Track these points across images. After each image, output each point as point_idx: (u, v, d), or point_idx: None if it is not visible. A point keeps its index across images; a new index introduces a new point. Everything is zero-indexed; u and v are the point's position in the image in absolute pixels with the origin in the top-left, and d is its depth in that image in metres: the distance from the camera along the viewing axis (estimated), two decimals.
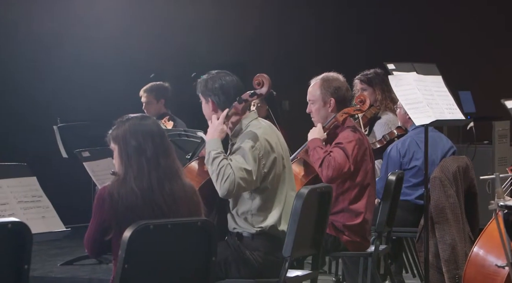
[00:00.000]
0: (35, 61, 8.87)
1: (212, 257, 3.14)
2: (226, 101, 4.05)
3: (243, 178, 3.86)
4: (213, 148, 3.94)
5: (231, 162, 3.89)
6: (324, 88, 4.76)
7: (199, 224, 3.14)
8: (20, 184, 3.85)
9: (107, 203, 3.24)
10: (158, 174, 3.28)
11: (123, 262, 2.89)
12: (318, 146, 4.64)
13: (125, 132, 3.34)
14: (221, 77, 4.08)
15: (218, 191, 3.87)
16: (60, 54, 8.94)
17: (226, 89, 4.05)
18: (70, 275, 6.58)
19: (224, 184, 3.85)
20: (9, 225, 2.70)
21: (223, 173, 3.85)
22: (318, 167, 4.57)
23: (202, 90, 4.11)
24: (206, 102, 4.11)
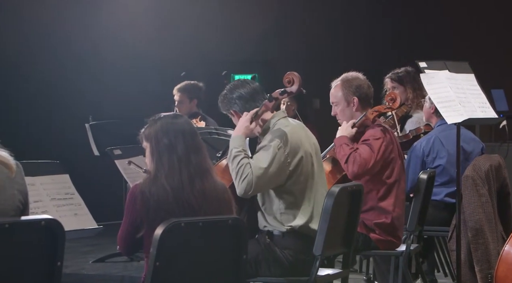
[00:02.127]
0: (68, 61, 8.95)
1: (243, 255, 3.14)
2: (247, 105, 4.06)
3: (261, 177, 3.86)
4: (235, 146, 3.95)
5: (252, 160, 3.90)
6: (345, 89, 4.75)
7: (230, 222, 3.14)
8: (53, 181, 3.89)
9: (139, 201, 3.26)
10: (189, 171, 3.30)
11: (155, 259, 2.90)
12: (344, 143, 4.64)
13: (157, 131, 3.36)
14: (235, 88, 4.11)
15: (236, 189, 3.88)
16: (93, 53, 9.01)
17: (243, 96, 4.08)
18: (102, 272, 6.62)
19: (242, 183, 3.86)
20: (42, 222, 2.72)
21: (242, 172, 3.86)
22: (344, 163, 4.57)
23: (223, 106, 4.15)
24: (232, 116, 4.14)
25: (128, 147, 5.38)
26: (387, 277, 4.81)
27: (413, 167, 5.42)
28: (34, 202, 3.58)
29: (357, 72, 4.84)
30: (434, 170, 5.31)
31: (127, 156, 5.32)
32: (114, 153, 5.42)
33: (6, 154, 2.84)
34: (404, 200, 4.82)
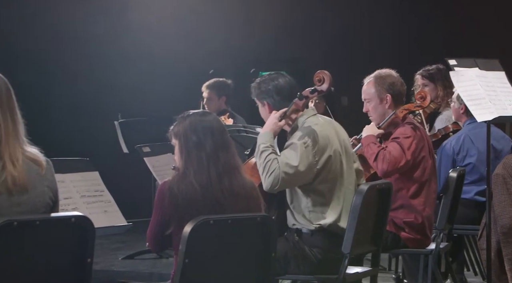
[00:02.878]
0: (97, 59, 9.01)
1: (272, 253, 3.14)
2: (282, 101, 4.05)
3: (288, 174, 3.86)
4: (263, 141, 3.96)
5: (279, 157, 3.89)
6: (378, 85, 4.72)
7: (258, 220, 3.14)
8: (83, 179, 3.91)
9: (167, 198, 3.27)
10: (217, 169, 3.30)
11: (184, 256, 2.91)
12: (371, 142, 4.62)
13: (185, 128, 3.37)
14: (274, 79, 4.10)
15: (263, 184, 3.88)
16: (122, 51, 9.06)
17: (280, 89, 4.06)
18: (131, 269, 6.66)
19: (268, 178, 3.86)
20: (72, 219, 2.74)
21: (269, 167, 3.87)
22: (372, 161, 4.54)
23: (256, 94, 4.13)
24: (262, 106, 4.13)
25: (157, 144, 5.40)
26: (417, 276, 4.79)
27: (444, 166, 5.38)
28: (64, 199, 3.60)
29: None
30: (464, 168, 5.27)
31: (156, 153, 5.34)
32: (143, 150, 5.44)
33: (36, 151, 2.87)
34: (434, 199, 4.79)
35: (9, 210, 2.73)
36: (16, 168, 2.75)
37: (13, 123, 2.80)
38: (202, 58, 9.01)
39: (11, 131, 2.78)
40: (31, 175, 2.80)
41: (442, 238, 4.80)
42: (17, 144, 2.79)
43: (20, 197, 2.76)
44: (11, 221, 2.58)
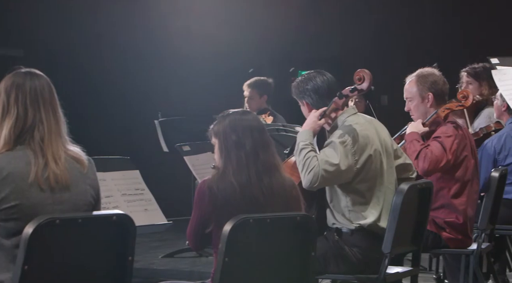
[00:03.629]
0: (137, 58, 9.07)
1: (311, 252, 3.13)
2: (320, 100, 4.04)
3: (327, 171, 3.85)
4: (302, 139, 3.95)
5: (319, 154, 3.89)
6: (420, 84, 4.69)
7: (298, 219, 3.13)
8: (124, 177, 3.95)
9: (207, 197, 3.28)
10: (256, 168, 3.30)
11: (223, 255, 2.92)
12: (415, 139, 4.58)
13: (225, 127, 3.37)
14: (312, 78, 4.09)
15: (302, 181, 3.87)
16: (162, 50, 9.11)
17: (318, 89, 4.05)
18: (171, 267, 6.69)
19: (308, 175, 3.85)
20: (113, 217, 2.76)
21: (308, 164, 3.86)
22: (414, 159, 4.51)
23: (296, 93, 4.14)
24: (302, 105, 4.13)
25: (197, 143, 5.42)
26: (458, 276, 4.74)
27: (484, 166, 5.31)
28: (105, 197, 3.64)
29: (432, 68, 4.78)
30: (506, 168, 5.21)
31: (196, 152, 5.36)
32: (183, 149, 5.47)
33: (78, 150, 2.90)
34: (476, 200, 4.73)
35: (51, 207, 2.76)
36: (59, 165, 2.78)
37: (55, 122, 2.83)
38: (242, 57, 9.02)
39: (54, 129, 2.82)
40: (73, 173, 2.83)
41: (484, 238, 4.75)
42: (59, 142, 2.82)
43: (62, 194, 2.79)
44: (54, 219, 2.61)
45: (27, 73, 2.88)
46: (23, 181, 2.73)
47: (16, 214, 2.71)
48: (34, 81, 2.84)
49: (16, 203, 2.71)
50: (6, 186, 2.71)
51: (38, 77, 2.87)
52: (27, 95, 2.81)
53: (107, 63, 9.00)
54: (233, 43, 9.31)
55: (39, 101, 2.82)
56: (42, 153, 2.77)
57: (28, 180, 2.73)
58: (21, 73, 2.87)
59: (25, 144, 2.79)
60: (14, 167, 2.73)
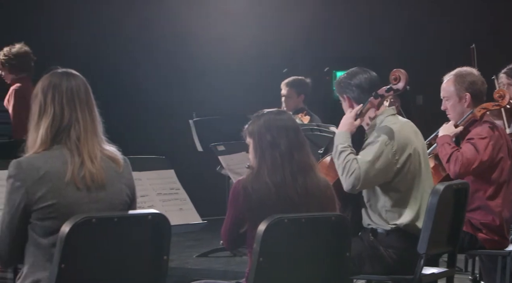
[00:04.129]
0: (172, 58, 9.11)
1: (346, 252, 3.12)
2: (362, 94, 4.03)
3: (368, 173, 3.84)
4: (340, 141, 3.94)
5: (359, 156, 3.87)
6: (458, 84, 4.64)
7: (333, 219, 3.12)
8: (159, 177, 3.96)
9: (241, 197, 3.29)
10: (291, 168, 3.30)
11: (258, 255, 2.92)
12: (446, 142, 4.54)
13: (260, 127, 3.37)
14: (355, 74, 4.08)
15: (343, 185, 3.86)
16: (197, 50, 9.14)
17: (360, 84, 4.04)
18: (205, 266, 6.70)
19: (349, 178, 3.84)
20: (149, 216, 2.78)
21: (349, 167, 3.84)
22: (445, 162, 4.47)
23: (338, 89, 4.13)
24: (343, 100, 4.12)
25: (232, 143, 5.42)
26: (494, 277, 4.69)
27: None
28: (141, 197, 3.65)
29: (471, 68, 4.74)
30: None
31: (231, 152, 5.37)
32: (217, 148, 5.47)
33: (114, 149, 2.92)
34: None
35: (87, 206, 2.78)
36: (95, 164, 2.80)
37: (91, 121, 2.86)
38: (276, 57, 9.02)
39: (90, 129, 2.84)
40: (109, 172, 2.85)
41: None
42: (95, 141, 2.85)
43: (98, 193, 2.81)
44: (90, 218, 2.63)
45: (64, 73, 2.90)
46: (59, 180, 2.75)
47: (53, 213, 2.74)
48: (70, 81, 2.87)
49: (53, 202, 2.74)
50: (43, 185, 2.74)
51: (75, 77, 2.90)
52: (63, 95, 2.83)
53: (142, 64, 9.05)
54: (268, 43, 9.31)
55: (75, 100, 2.84)
56: (78, 151, 2.80)
57: (64, 179, 2.76)
58: (58, 73, 2.90)
59: (62, 143, 2.81)
60: (51, 166, 2.76)
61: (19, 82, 6.15)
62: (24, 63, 6.13)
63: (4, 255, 2.82)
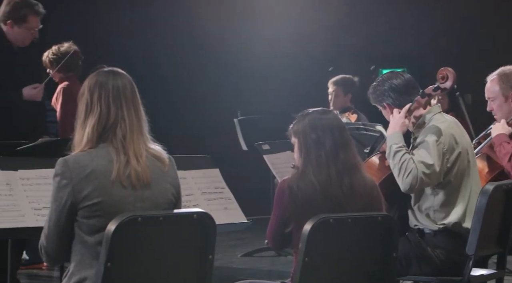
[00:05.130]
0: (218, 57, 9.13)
1: (393, 252, 3.09)
2: (400, 98, 4.00)
3: (426, 173, 3.80)
4: (395, 142, 3.90)
5: (414, 156, 3.83)
6: (503, 83, 4.57)
7: (379, 219, 3.09)
8: (204, 176, 3.96)
9: (287, 196, 3.27)
10: (337, 167, 3.28)
11: (303, 255, 2.90)
12: (504, 141, 4.47)
13: (305, 127, 3.36)
14: (387, 79, 4.05)
15: (400, 185, 3.83)
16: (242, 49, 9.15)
17: (396, 87, 4.01)
18: (250, 266, 6.69)
19: (407, 178, 3.80)
20: (194, 215, 2.77)
21: (405, 167, 3.81)
22: (506, 162, 4.40)
23: (374, 98, 4.10)
24: (383, 109, 4.09)
25: (277, 142, 5.40)
26: None
27: None
28: (186, 196, 3.65)
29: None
30: None
31: (275, 151, 5.34)
32: (262, 147, 5.46)
33: (159, 148, 2.92)
34: None
35: (133, 205, 2.79)
36: (140, 163, 2.81)
37: (137, 120, 2.86)
38: (321, 55, 8.98)
39: (136, 127, 2.85)
40: (154, 171, 2.85)
41: None
42: (141, 140, 2.85)
43: (143, 192, 2.82)
44: (136, 217, 2.63)
45: (110, 72, 2.91)
46: (105, 178, 2.76)
47: (99, 211, 2.75)
48: (116, 80, 2.88)
49: (99, 200, 2.75)
50: (89, 183, 2.75)
51: (121, 76, 2.91)
52: (110, 93, 2.84)
53: (187, 62, 9.09)
54: (313, 41, 9.28)
55: (121, 99, 2.85)
56: (124, 150, 2.80)
57: (110, 177, 2.77)
58: (104, 72, 2.91)
59: (108, 142, 2.82)
60: (97, 165, 2.77)
61: (66, 81, 6.21)
62: (72, 63, 6.20)
63: (51, 253, 2.84)
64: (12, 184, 3.47)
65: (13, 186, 3.46)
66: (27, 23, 5.40)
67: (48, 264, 5.47)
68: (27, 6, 5.41)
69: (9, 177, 3.48)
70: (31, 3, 5.44)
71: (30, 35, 5.44)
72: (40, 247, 2.86)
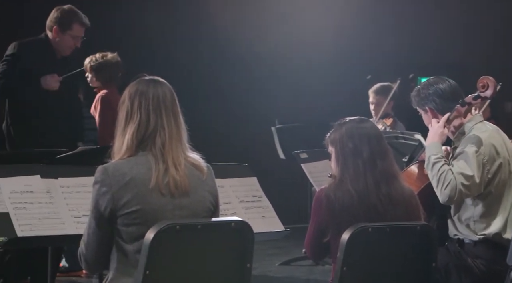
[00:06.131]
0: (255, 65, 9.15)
1: (432, 262, 3.07)
2: (444, 104, 3.95)
3: (464, 184, 3.75)
4: (433, 152, 3.86)
5: (453, 167, 3.79)
6: None
7: (418, 228, 3.08)
8: (242, 184, 3.96)
9: (324, 205, 3.27)
10: (374, 176, 3.26)
11: (342, 264, 2.89)
12: None
13: (342, 135, 3.35)
14: (433, 83, 4.01)
15: (438, 197, 3.78)
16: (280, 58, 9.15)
17: (442, 93, 3.96)
18: (288, 275, 6.68)
19: (445, 190, 3.76)
20: (232, 223, 2.78)
21: (444, 179, 3.76)
22: None
23: (417, 101, 4.05)
24: (425, 113, 4.04)
25: (314, 151, 5.39)
26: None
27: None
28: (223, 204, 3.66)
29: None
30: None
31: (313, 159, 5.33)
32: (300, 156, 5.45)
33: (198, 157, 2.93)
34: None
35: (171, 213, 2.80)
36: (179, 171, 2.82)
37: (176, 129, 2.88)
38: (359, 63, 8.95)
39: (175, 136, 2.87)
40: (193, 179, 2.86)
41: None
42: (180, 148, 2.87)
43: (181, 200, 2.83)
44: (174, 225, 2.65)
45: (151, 80, 2.94)
46: (144, 186, 2.78)
47: (137, 219, 2.77)
48: (157, 89, 2.90)
49: (137, 208, 2.77)
50: (128, 191, 2.77)
51: (161, 84, 2.93)
52: (150, 102, 2.86)
53: (225, 71, 9.12)
54: (351, 49, 9.25)
55: (161, 108, 2.87)
56: (163, 158, 2.82)
57: (149, 185, 2.78)
58: (145, 81, 2.93)
59: (147, 150, 2.84)
60: (136, 173, 2.79)
61: (105, 89, 6.27)
62: (113, 73, 6.26)
63: (90, 261, 2.86)
64: (52, 191, 3.51)
65: (53, 193, 3.50)
66: (72, 31, 5.50)
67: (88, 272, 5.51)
68: (74, 14, 5.54)
69: (49, 184, 3.52)
70: (78, 12, 5.59)
71: (73, 43, 5.53)
72: (80, 255, 2.89)
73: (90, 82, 6.30)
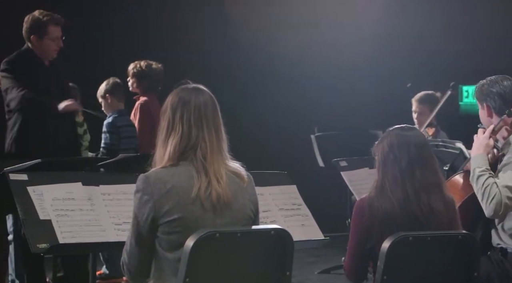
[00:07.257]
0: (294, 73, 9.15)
1: (474, 272, 3.03)
2: (503, 106, 3.88)
3: (510, 197, 3.69)
4: (478, 165, 3.80)
5: (498, 180, 3.73)
6: None
7: (460, 238, 3.05)
8: (281, 192, 3.96)
9: (365, 213, 3.24)
10: (413, 185, 3.23)
11: (382, 273, 2.87)
12: None
13: (384, 143, 3.33)
14: (499, 81, 3.95)
15: (484, 211, 3.72)
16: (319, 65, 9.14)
17: (505, 93, 3.90)
18: None
19: (490, 204, 3.70)
20: (272, 231, 2.78)
21: (489, 193, 3.70)
22: None
23: (478, 95, 3.99)
24: (482, 108, 3.98)
25: (354, 159, 5.36)
26: None
27: None
28: (263, 212, 3.66)
29: None
30: None
31: (353, 168, 5.30)
32: (340, 164, 5.42)
33: (238, 165, 2.94)
34: None
35: (212, 221, 2.81)
36: (221, 184, 2.82)
37: (217, 140, 2.88)
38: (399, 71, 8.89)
39: (216, 148, 2.87)
40: (233, 187, 2.87)
41: None
42: (221, 160, 2.87)
43: (223, 210, 2.83)
44: (214, 233, 2.65)
45: (193, 89, 2.94)
46: (186, 194, 2.79)
47: (178, 227, 2.77)
48: (198, 98, 2.90)
49: (179, 216, 2.78)
50: (169, 199, 2.78)
51: (203, 93, 2.93)
52: (191, 113, 2.86)
53: (265, 79, 9.13)
54: (391, 57, 9.20)
55: (203, 120, 2.87)
56: (205, 171, 2.82)
57: (190, 194, 2.79)
58: (187, 90, 2.93)
59: (188, 160, 2.84)
60: (177, 181, 2.80)
61: (145, 96, 6.31)
62: (153, 83, 6.31)
63: (132, 270, 2.87)
64: (93, 199, 3.54)
65: (94, 201, 3.54)
66: (49, 34, 5.38)
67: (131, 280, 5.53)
68: (46, 17, 5.41)
69: (90, 192, 3.56)
70: (49, 14, 5.44)
71: (55, 46, 5.42)
72: (122, 264, 2.90)
73: (130, 87, 6.36)
